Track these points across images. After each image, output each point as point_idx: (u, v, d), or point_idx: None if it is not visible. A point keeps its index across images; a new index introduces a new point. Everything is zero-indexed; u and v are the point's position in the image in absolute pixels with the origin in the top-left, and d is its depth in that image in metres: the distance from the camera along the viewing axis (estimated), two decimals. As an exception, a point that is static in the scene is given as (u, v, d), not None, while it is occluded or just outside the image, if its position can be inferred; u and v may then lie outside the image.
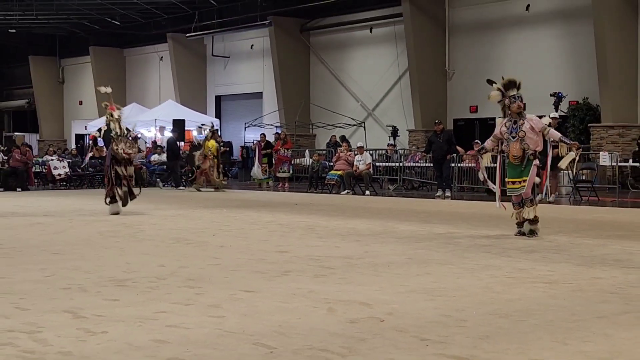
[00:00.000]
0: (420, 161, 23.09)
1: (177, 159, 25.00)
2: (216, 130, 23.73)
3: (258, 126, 30.70)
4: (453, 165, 20.39)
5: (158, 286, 6.62)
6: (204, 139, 23.67)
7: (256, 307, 5.71)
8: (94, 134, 15.15)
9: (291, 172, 25.15)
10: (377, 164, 23.91)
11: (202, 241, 10.06)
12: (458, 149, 20.73)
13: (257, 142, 25.94)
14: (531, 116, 10.54)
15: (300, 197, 19.98)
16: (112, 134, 14.07)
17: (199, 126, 27.26)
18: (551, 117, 17.18)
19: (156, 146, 28.06)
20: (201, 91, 36.31)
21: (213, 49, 35.49)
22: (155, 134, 29.44)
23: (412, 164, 23.54)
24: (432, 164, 20.99)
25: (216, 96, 36.31)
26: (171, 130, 25.77)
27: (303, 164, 26.99)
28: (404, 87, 28.17)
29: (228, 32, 33.68)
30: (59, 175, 25.18)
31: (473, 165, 11.49)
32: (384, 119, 29.06)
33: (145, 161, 26.64)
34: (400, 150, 25.35)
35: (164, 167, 26.83)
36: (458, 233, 10.84)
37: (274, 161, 24.97)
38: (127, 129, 14.49)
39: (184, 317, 5.36)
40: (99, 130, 14.87)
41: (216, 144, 23.10)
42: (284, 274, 7.28)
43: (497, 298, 6.08)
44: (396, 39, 28.24)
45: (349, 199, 19.78)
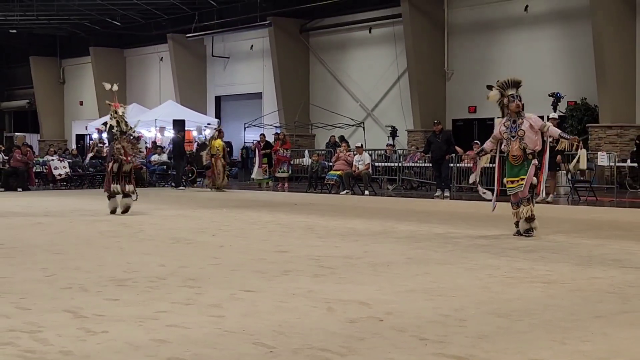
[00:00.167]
0: (419, 161, 23.09)
1: (182, 159, 25.01)
2: (221, 130, 23.71)
3: (258, 126, 30.71)
4: (452, 165, 20.40)
5: (158, 286, 6.63)
6: (210, 138, 23.65)
7: (256, 306, 5.73)
8: (100, 127, 15.11)
9: (290, 172, 25.16)
10: (376, 164, 23.90)
11: (202, 241, 10.08)
12: (457, 149, 20.76)
13: (256, 143, 25.95)
14: (530, 115, 10.54)
15: (299, 197, 19.99)
16: (114, 130, 14.08)
17: (206, 125, 27.23)
18: (550, 118, 17.23)
19: (156, 146, 28.07)
20: (201, 91, 36.32)
21: (213, 50, 35.51)
22: (156, 134, 29.46)
23: (411, 164, 23.55)
24: (431, 164, 21.00)
25: (216, 96, 36.32)
26: (177, 130, 25.78)
27: (302, 164, 26.99)
28: (403, 87, 28.18)
29: (228, 32, 33.68)
30: (60, 175, 25.18)
31: (471, 165, 11.48)
32: (383, 119, 29.07)
33: (145, 161, 26.64)
34: (399, 151, 25.37)
35: (164, 167, 26.84)
36: (457, 233, 10.85)
37: (273, 161, 24.99)
38: (131, 127, 14.51)
39: (184, 316, 5.38)
40: (105, 124, 14.87)
41: (222, 143, 23.14)
42: (283, 273, 7.29)
43: (496, 298, 6.10)
44: (395, 39, 28.26)
45: (348, 199, 19.79)
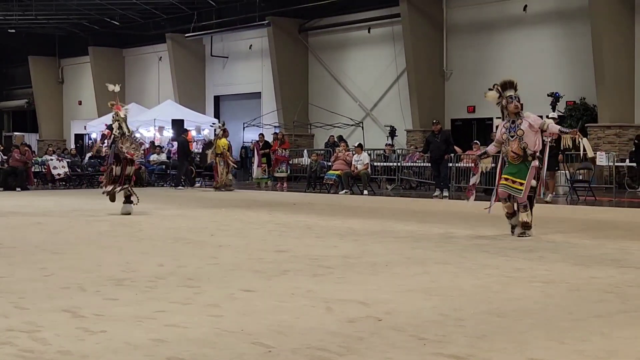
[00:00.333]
0: (418, 161, 23.10)
1: (186, 159, 25.00)
2: (226, 129, 23.69)
3: (257, 126, 30.70)
4: (451, 165, 20.41)
5: (157, 285, 6.63)
6: (215, 137, 23.63)
7: (254, 306, 5.73)
8: (106, 132, 15.04)
9: (289, 172, 25.17)
10: (375, 163, 23.91)
11: (200, 241, 10.07)
12: (456, 148, 20.78)
13: (255, 142, 25.95)
14: (528, 114, 10.55)
15: (298, 197, 19.99)
16: (116, 132, 14.09)
17: (211, 125, 27.21)
18: (549, 118, 17.23)
19: (154, 146, 28.05)
20: (200, 91, 36.31)
21: (212, 49, 35.49)
22: (154, 134, 29.44)
23: (410, 163, 23.56)
24: (429, 164, 21.01)
25: (215, 96, 36.31)
26: (182, 130, 25.81)
27: (301, 163, 26.99)
28: (401, 87, 28.18)
29: (227, 32, 33.67)
30: (59, 175, 25.19)
31: (471, 165, 11.48)
32: (382, 119, 29.07)
33: (144, 161, 26.62)
34: (398, 150, 25.37)
35: (163, 166, 26.82)
36: (456, 233, 10.85)
37: (272, 161, 24.99)
38: (132, 131, 14.55)
39: (182, 316, 5.37)
40: (110, 127, 14.84)
41: (228, 143, 23.13)
42: (282, 273, 7.29)
43: (495, 297, 6.10)
44: (394, 39, 28.27)
45: (347, 198, 19.80)
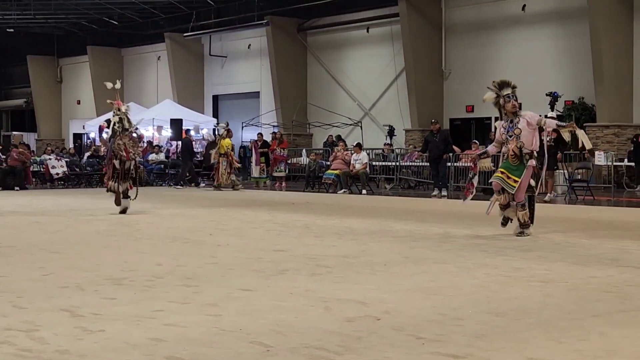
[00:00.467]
0: (416, 160, 23.10)
1: (190, 159, 24.99)
2: (230, 129, 23.69)
3: (255, 125, 30.70)
4: (449, 164, 20.41)
5: (155, 285, 6.63)
6: (218, 137, 23.62)
7: (253, 305, 5.73)
8: (103, 125, 15.07)
9: (287, 172, 25.17)
10: (374, 163, 23.91)
11: (199, 240, 10.07)
12: (454, 148, 20.77)
13: (254, 142, 25.95)
14: (526, 112, 10.56)
15: (297, 197, 19.99)
16: (116, 126, 14.07)
17: (215, 125, 27.22)
18: (548, 117, 17.22)
19: (153, 146, 28.04)
20: (199, 91, 36.31)
21: (210, 49, 35.49)
22: (153, 134, 29.43)
23: (408, 163, 23.56)
24: (428, 164, 21.01)
25: (213, 96, 36.31)
26: (186, 130, 25.83)
27: (300, 163, 27.00)
28: (400, 86, 28.19)
29: (225, 31, 33.67)
30: (57, 174, 25.17)
31: (470, 164, 11.47)
32: (381, 118, 29.08)
33: (142, 160, 26.61)
34: (396, 150, 25.37)
35: (161, 166, 26.80)
36: (454, 232, 10.86)
37: (270, 161, 24.98)
38: (134, 125, 14.53)
39: (181, 315, 5.37)
40: (107, 121, 14.84)
41: (231, 143, 23.11)
42: (280, 272, 7.29)
43: (493, 297, 6.10)
44: (393, 38, 28.28)
45: (345, 198, 19.80)
